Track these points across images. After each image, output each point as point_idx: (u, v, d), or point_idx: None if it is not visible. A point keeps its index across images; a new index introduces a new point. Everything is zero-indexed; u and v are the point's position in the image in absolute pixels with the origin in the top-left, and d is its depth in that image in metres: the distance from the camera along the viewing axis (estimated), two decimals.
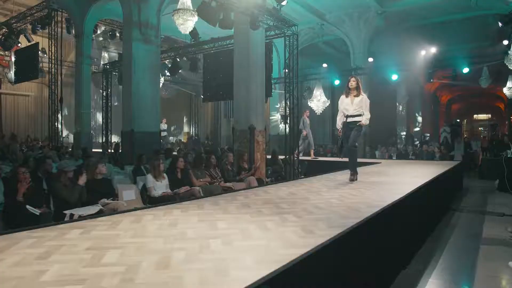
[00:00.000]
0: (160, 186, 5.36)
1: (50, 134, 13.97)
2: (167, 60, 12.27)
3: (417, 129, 22.79)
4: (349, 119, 5.24)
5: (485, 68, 11.17)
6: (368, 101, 5.23)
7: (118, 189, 5.02)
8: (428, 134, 20.86)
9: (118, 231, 2.63)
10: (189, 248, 2.20)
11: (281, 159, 9.30)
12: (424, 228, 5.19)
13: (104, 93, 13.63)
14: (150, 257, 2.04)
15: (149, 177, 5.33)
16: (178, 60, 11.51)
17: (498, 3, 12.10)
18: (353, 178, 5.33)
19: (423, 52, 12.36)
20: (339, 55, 17.46)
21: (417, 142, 18.62)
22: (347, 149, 5.31)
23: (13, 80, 17.99)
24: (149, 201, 5.24)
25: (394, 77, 12.62)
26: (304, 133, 10.23)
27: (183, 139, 22.53)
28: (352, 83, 5.19)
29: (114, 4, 12.63)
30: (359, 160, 10.74)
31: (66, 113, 26.11)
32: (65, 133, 25.48)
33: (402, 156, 12.83)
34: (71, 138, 22.59)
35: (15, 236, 2.53)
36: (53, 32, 13.22)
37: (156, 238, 2.42)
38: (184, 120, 24.61)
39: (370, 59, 13.56)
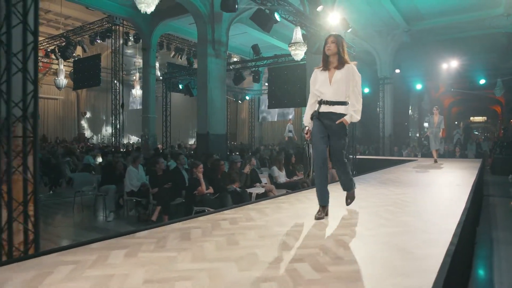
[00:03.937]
0: (282, 176, 7.15)
1: (113, 136, 15.55)
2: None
3: (425, 130, 24.91)
4: (324, 108, 3.14)
5: (499, 79, 13.18)
6: (359, 76, 3.14)
7: None
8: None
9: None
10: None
11: None
12: (479, 203, 7.08)
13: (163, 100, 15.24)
14: None
15: (275, 168, 7.12)
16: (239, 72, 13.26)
17: (507, 22, 14.15)
18: (350, 202, 3.46)
19: (444, 65, 14.30)
20: (360, 64, 19.37)
21: (426, 143, 20.64)
22: (336, 166, 3.26)
23: (61, 86, 19.52)
24: (276, 186, 7.01)
25: (419, 86, 14.60)
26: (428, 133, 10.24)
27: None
28: (331, 45, 3.07)
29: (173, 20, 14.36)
30: (399, 158, 12.52)
31: (90, 116, 27.65)
32: (89, 134, 27.16)
33: (425, 155, 14.72)
34: (94, 139, 24.54)
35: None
36: (117, 44, 14.89)
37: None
38: None
39: (397, 70, 15.44)
